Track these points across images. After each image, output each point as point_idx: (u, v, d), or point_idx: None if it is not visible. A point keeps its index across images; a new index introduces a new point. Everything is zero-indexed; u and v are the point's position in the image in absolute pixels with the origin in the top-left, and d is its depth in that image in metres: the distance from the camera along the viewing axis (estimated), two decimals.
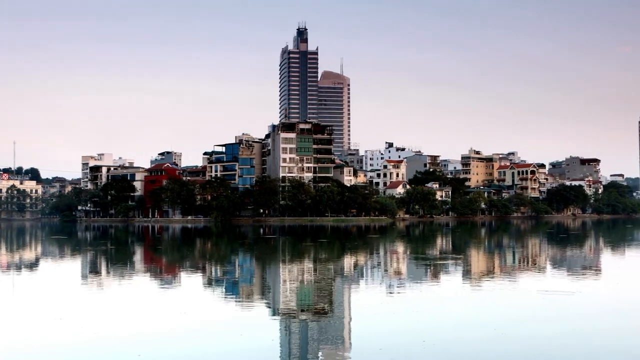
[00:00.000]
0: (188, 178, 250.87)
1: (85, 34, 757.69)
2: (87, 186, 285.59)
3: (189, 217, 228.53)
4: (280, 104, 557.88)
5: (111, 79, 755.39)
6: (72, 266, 61.39)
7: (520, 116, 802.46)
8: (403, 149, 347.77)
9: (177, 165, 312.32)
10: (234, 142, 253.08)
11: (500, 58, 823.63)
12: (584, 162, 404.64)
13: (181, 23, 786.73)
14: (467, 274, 50.98)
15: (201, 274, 52.46)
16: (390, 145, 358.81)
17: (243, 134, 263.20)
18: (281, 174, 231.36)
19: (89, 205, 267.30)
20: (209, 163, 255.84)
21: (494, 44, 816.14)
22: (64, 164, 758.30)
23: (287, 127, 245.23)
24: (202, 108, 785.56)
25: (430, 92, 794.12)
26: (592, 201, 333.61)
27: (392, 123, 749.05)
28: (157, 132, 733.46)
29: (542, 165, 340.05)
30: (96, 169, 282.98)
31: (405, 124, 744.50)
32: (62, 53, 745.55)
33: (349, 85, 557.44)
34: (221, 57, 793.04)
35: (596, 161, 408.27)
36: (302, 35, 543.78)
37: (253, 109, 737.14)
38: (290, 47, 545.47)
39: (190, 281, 47.54)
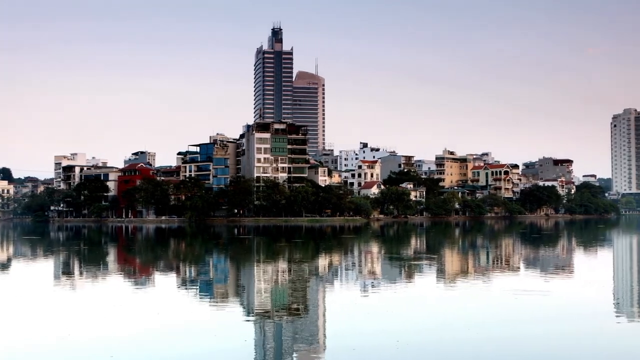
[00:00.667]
0: (162, 178, 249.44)
1: (59, 33, 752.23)
2: (59, 186, 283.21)
3: (163, 218, 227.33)
4: (254, 104, 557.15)
5: (85, 79, 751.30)
6: (44, 267, 60.83)
7: (494, 117, 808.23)
8: (377, 149, 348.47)
9: (151, 165, 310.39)
10: (209, 142, 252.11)
11: (477, 58, 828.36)
12: (557, 162, 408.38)
13: (156, 23, 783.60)
14: (441, 274, 51.16)
15: (175, 275, 52.21)
16: (365, 145, 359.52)
17: (217, 134, 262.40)
18: (256, 174, 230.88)
19: (61, 205, 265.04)
20: (183, 163, 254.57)
21: (474, 44, 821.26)
22: (36, 164, 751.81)
23: (261, 127, 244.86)
24: (177, 108, 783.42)
25: (405, 93, 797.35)
26: (564, 201, 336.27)
27: (366, 123, 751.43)
28: (131, 132, 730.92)
29: (516, 166, 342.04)
30: (69, 169, 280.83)
31: (379, 125, 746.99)
32: (37, 53, 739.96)
33: (323, 85, 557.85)
34: (196, 57, 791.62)
35: (569, 162, 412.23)
36: (276, 35, 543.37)
37: (228, 109, 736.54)
38: (265, 47, 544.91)
39: (164, 282, 47.29)
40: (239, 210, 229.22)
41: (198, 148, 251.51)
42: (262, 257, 70.57)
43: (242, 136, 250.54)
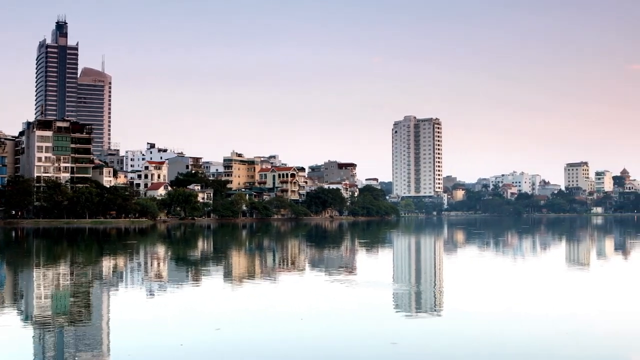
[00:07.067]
0: None
1: None
2: None
3: None
4: (36, 100, 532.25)
5: None
6: None
7: (282, 120, 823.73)
8: (165, 150, 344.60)
9: None
10: None
11: (267, 60, 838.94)
12: (341, 166, 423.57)
13: None
14: (227, 275, 51.58)
15: None
16: (152, 146, 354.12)
17: None
18: (36, 174, 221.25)
19: None
20: None
21: (266, 45, 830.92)
22: None
23: (43, 124, 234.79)
24: None
25: (194, 93, 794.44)
26: (348, 204, 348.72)
27: (154, 124, 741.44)
28: None
29: (302, 169, 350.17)
30: None
31: (167, 125, 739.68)
32: None
33: (110, 83, 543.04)
34: None
35: (353, 165, 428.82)
36: (61, 29, 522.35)
37: (6, 105, 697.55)
38: (49, 41, 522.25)
39: None
40: (18, 212, 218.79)
41: None
42: (42, 261, 67.77)
43: (21, 134, 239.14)
